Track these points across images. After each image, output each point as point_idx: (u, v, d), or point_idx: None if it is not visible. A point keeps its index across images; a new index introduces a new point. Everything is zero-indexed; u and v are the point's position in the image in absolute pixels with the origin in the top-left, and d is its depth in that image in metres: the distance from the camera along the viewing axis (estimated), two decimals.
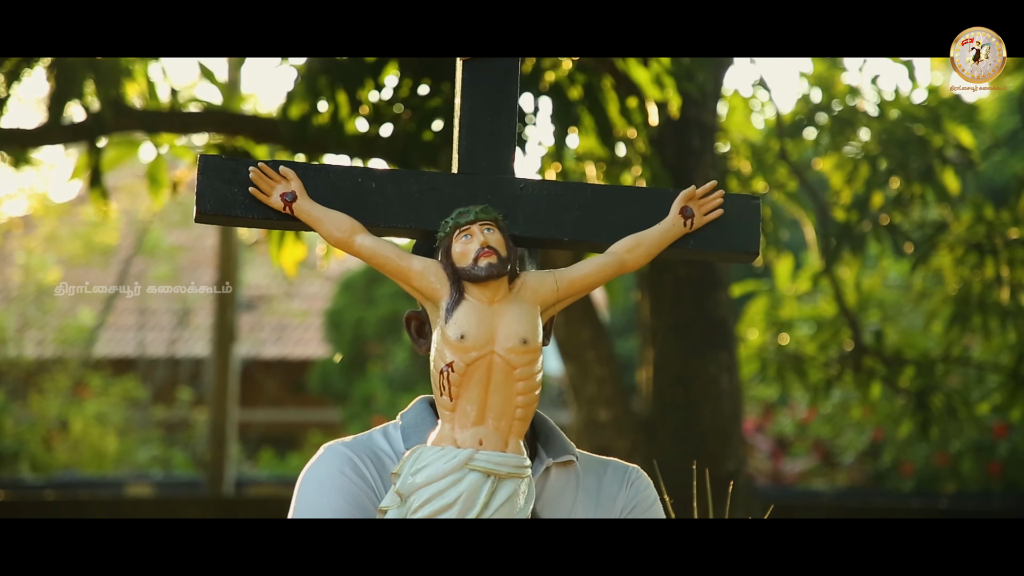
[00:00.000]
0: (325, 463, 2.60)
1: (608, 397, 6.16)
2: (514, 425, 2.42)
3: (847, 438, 11.14)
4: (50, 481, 10.54)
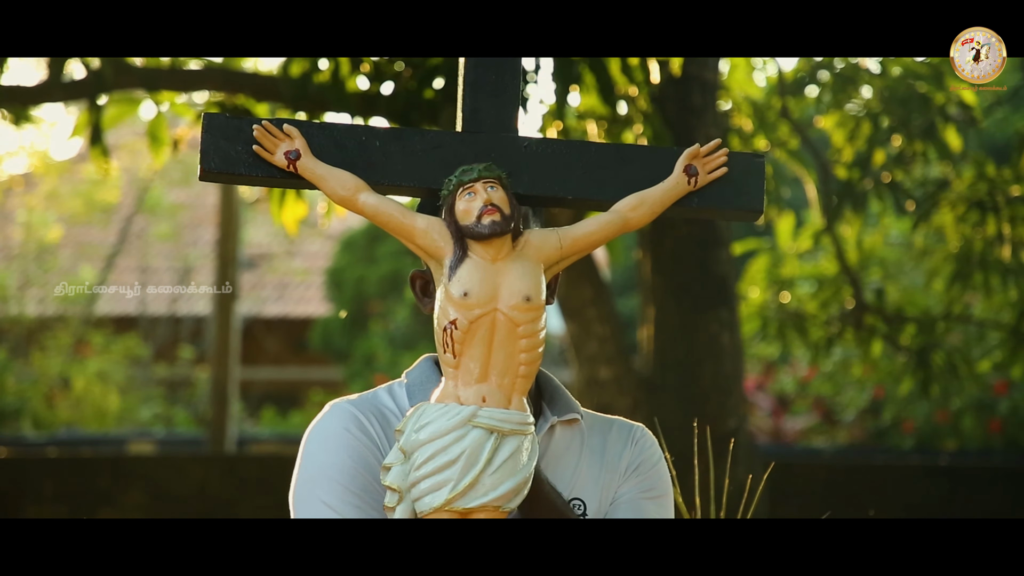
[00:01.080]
0: (330, 420, 2.61)
1: (609, 355, 6.17)
2: (517, 382, 2.43)
3: (848, 396, 11.15)
4: (52, 438, 10.57)
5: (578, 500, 2.63)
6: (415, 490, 2.40)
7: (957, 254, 6.75)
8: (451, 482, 2.38)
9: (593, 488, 2.65)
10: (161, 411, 13.52)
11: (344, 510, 2.53)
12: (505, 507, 2.41)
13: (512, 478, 2.40)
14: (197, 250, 16.57)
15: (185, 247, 16.63)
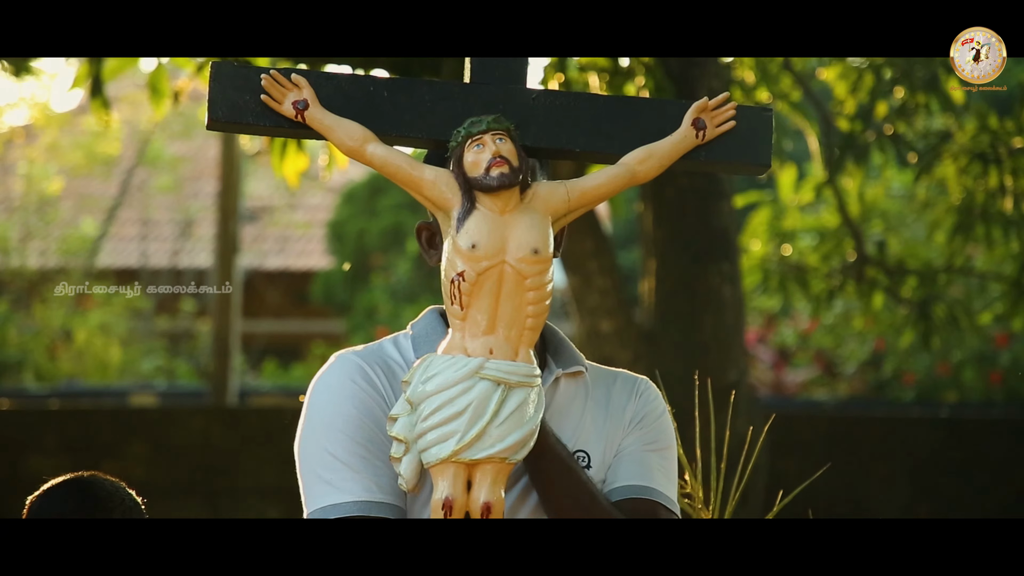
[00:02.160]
0: (336, 371, 2.62)
1: (610, 308, 6.17)
2: (524, 335, 2.43)
3: (849, 348, 11.16)
4: (54, 390, 10.59)
5: (582, 452, 2.64)
6: (421, 441, 2.41)
7: (959, 206, 6.74)
8: (458, 433, 2.39)
9: (597, 440, 2.66)
10: (163, 364, 13.53)
11: (350, 461, 2.54)
12: (511, 459, 2.42)
13: (518, 430, 2.41)
14: (198, 202, 16.56)
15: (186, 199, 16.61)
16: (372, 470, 2.54)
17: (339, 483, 2.54)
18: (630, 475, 2.65)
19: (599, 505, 2.56)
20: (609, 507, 2.58)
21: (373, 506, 2.53)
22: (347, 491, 2.53)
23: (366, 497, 2.53)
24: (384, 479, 2.53)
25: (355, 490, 2.53)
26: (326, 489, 2.55)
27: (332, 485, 2.54)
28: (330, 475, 2.55)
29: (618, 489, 2.63)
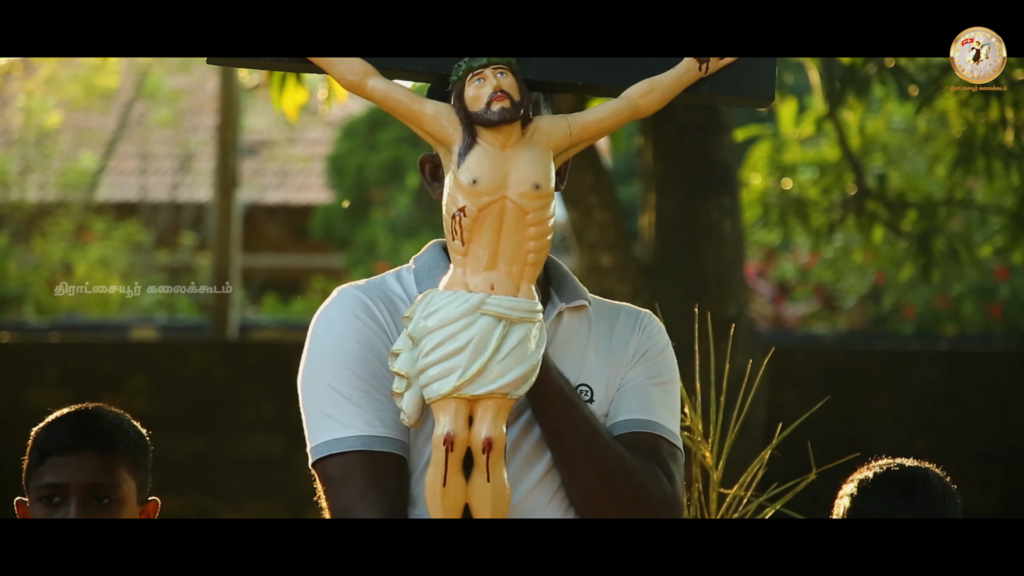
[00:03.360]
0: (338, 306, 2.62)
1: (610, 242, 6.17)
2: (526, 270, 2.43)
3: (848, 282, 11.17)
4: (54, 324, 10.60)
5: (585, 386, 2.64)
6: (423, 376, 2.42)
7: (960, 139, 6.72)
8: (459, 369, 2.39)
9: (600, 374, 2.66)
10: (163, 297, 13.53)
11: (353, 395, 2.55)
12: (513, 394, 2.42)
13: (520, 365, 2.41)
14: (197, 136, 16.50)
15: (185, 133, 16.56)
16: (375, 405, 2.55)
17: (342, 417, 2.54)
18: (633, 409, 2.65)
19: (601, 439, 2.57)
20: (611, 441, 2.58)
21: (376, 440, 2.53)
22: (350, 425, 2.54)
23: (369, 431, 2.54)
24: (387, 414, 2.54)
25: (358, 424, 2.54)
26: (329, 423, 2.55)
27: (335, 419, 2.55)
28: (333, 409, 2.55)
29: (621, 423, 2.64)
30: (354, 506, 2.51)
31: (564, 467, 2.57)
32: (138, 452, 2.82)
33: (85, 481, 2.74)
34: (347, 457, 2.53)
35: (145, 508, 2.83)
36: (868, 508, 2.67)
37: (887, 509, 2.66)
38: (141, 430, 2.86)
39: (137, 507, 2.81)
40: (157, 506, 2.86)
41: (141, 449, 2.83)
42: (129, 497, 2.78)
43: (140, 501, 2.82)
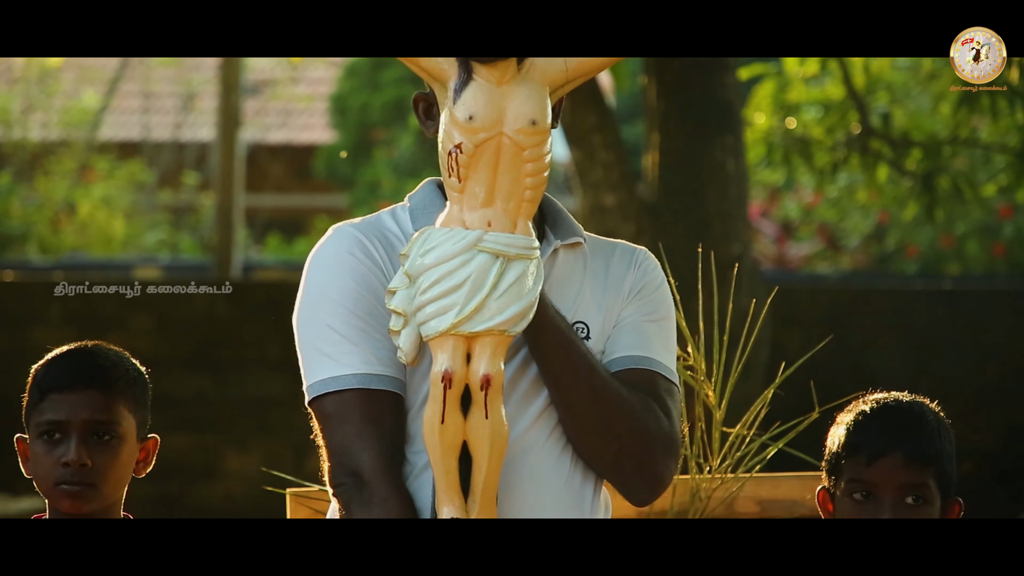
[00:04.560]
0: (334, 244, 2.61)
1: (614, 182, 6.15)
2: (523, 207, 2.43)
3: (852, 221, 11.15)
4: (58, 263, 10.59)
5: (581, 323, 2.64)
6: (420, 314, 2.41)
7: None
8: (457, 306, 2.39)
9: (596, 311, 2.66)
10: (166, 237, 13.53)
11: (349, 333, 2.55)
12: (510, 331, 2.42)
13: (518, 302, 2.41)
14: (200, 75, 16.44)
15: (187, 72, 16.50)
16: (371, 343, 2.54)
17: (338, 356, 2.54)
18: (629, 345, 2.65)
19: (598, 376, 2.57)
20: (608, 378, 2.58)
21: (372, 378, 2.53)
22: (346, 363, 2.54)
23: (365, 369, 2.53)
24: (383, 351, 2.54)
25: (354, 362, 2.54)
26: (325, 362, 2.55)
27: (331, 358, 2.55)
28: (329, 348, 2.55)
29: (617, 360, 2.64)
30: (351, 444, 2.51)
31: (561, 404, 2.57)
32: (138, 389, 2.82)
33: (85, 418, 2.75)
34: (344, 395, 2.53)
35: (144, 445, 2.84)
36: (861, 443, 2.67)
37: (881, 445, 2.66)
38: (140, 367, 2.86)
39: (137, 444, 2.81)
40: (157, 443, 2.87)
41: (141, 386, 2.84)
42: (129, 434, 2.79)
43: (140, 438, 2.83)
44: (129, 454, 2.80)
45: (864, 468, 2.67)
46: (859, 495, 2.67)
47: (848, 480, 2.69)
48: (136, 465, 2.83)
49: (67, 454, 2.73)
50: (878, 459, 2.66)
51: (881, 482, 2.65)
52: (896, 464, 2.65)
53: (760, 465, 3.40)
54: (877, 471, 2.66)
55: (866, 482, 2.66)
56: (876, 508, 2.65)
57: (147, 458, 2.86)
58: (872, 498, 2.66)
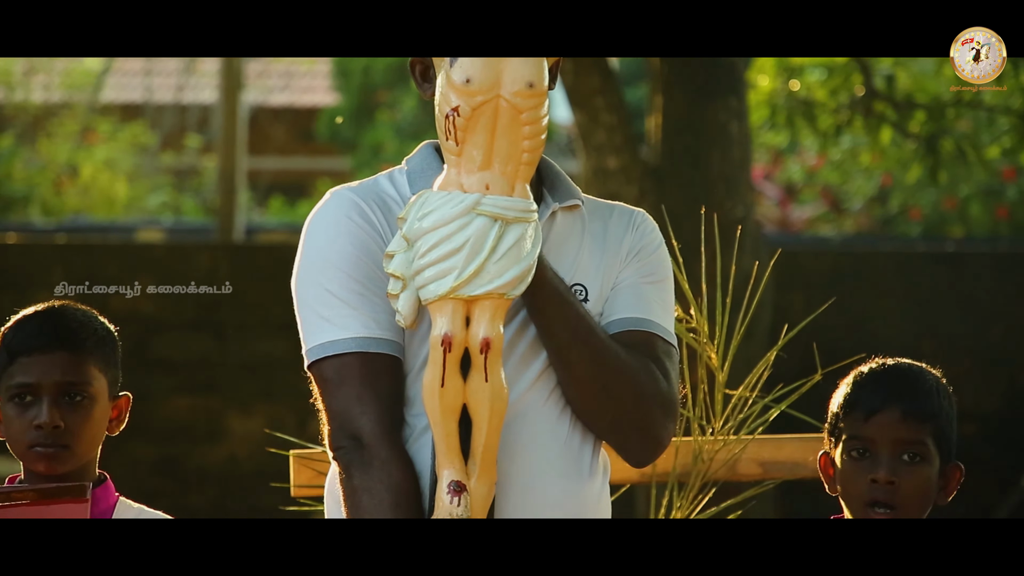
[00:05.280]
0: (331, 208, 2.61)
1: (617, 145, 6.14)
2: (520, 170, 2.42)
3: (855, 184, 11.13)
4: (61, 225, 10.60)
5: (580, 285, 2.64)
6: (419, 278, 2.41)
7: None
8: (455, 270, 2.39)
9: (594, 274, 2.65)
10: (169, 199, 13.53)
11: (348, 298, 2.54)
12: (509, 294, 2.42)
13: (516, 265, 2.41)
14: None
15: None
16: (370, 307, 2.54)
17: (337, 320, 2.54)
18: (627, 307, 2.65)
19: (597, 338, 2.56)
20: (607, 339, 2.58)
21: (371, 342, 2.53)
22: (345, 327, 2.53)
23: (364, 333, 2.53)
24: (382, 315, 2.53)
25: (353, 326, 2.53)
26: (324, 326, 2.55)
27: (330, 322, 2.54)
28: (328, 312, 2.55)
29: (616, 321, 2.63)
30: (350, 408, 2.51)
31: (560, 366, 2.57)
32: (107, 348, 2.82)
33: (56, 380, 2.75)
34: (343, 359, 2.53)
35: (117, 403, 2.84)
36: (859, 400, 2.68)
37: (878, 401, 2.66)
38: (109, 326, 2.86)
39: (109, 403, 2.81)
40: (129, 401, 2.87)
41: (110, 345, 2.83)
42: (100, 393, 2.79)
43: (112, 397, 2.83)
44: (102, 413, 2.80)
45: (862, 424, 2.67)
46: (856, 452, 2.68)
47: (846, 438, 2.69)
48: (109, 424, 2.83)
49: (39, 416, 2.73)
50: (875, 414, 2.67)
51: (878, 438, 2.66)
52: (893, 419, 2.66)
53: (762, 427, 3.40)
54: (874, 427, 2.66)
55: (863, 438, 2.67)
56: (873, 464, 2.65)
57: (120, 416, 2.87)
58: (869, 455, 2.67)
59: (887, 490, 2.64)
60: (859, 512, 2.67)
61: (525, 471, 2.54)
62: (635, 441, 2.62)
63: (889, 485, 2.64)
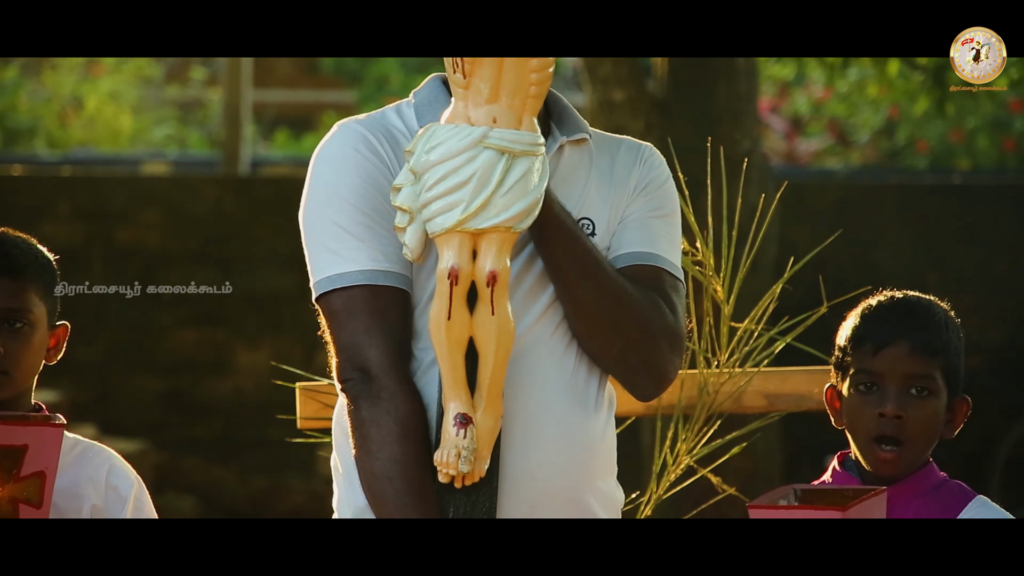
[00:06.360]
0: (339, 140, 2.60)
1: (622, 77, 6.12)
2: (528, 103, 2.41)
3: (862, 116, 11.09)
4: (66, 157, 10.58)
5: (587, 220, 2.64)
6: (426, 211, 2.41)
7: None
8: (463, 203, 2.39)
9: (602, 208, 2.65)
10: (174, 132, 13.49)
11: (355, 230, 2.54)
12: (516, 228, 2.42)
13: (523, 199, 2.41)
14: None
15: None
16: (377, 239, 2.54)
17: (345, 252, 2.54)
18: (635, 241, 2.65)
19: (604, 271, 2.57)
20: (614, 273, 2.58)
21: (379, 274, 2.53)
22: (353, 260, 2.54)
23: (372, 266, 2.53)
24: (390, 248, 2.53)
25: (361, 259, 2.54)
26: (332, 259, 2.55)
27: (338, 255, 2.55)
28: (336, 244, 2.55)
29: (623, 256, 2.64)
30: (358, 340, 2.52)
31: (567, 300, 2.57)
32: (47, 276, 2.83)
33: None
34: (351, 292, 2.53)
35: (55, 332, 2.84)
36: (868, 334, 2.68)
37: (887, 335, 2.66)
38: (49, 255, 2.86)
39: (47, 331, 2.81)
40: (67, 330, 2.87)
41: (50, 273, 2.84)
42: (40, 321, 2.79)
43: (50, 326, 2.83)
44: (40, 341, 2.80)
45: (870, 358, 2.67)
46: (864, 386, 2.68)
47: (854, 372, 2.69)
48: (47, 353, 2.83)
49: None
50: (884, 348, 2.67)
51: (886, 372, 2.66)
52: (902, 353, 2.66)
53: (768, 360, 3.41)
54: (883, 361, 2.66)
55: (872, 372, 2.67)
56: (880, 399, 2.66)
57: (57, 345, 2.86)
58: (877, 388, 2.67)
59: (895, 424, 2.64)
60: (865, 446, 2.68)
61: (531, 404, 2.55)
62: (641, 375, 2.63)
63: (897, 419, 2.64)
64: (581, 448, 2.58)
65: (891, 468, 2.65)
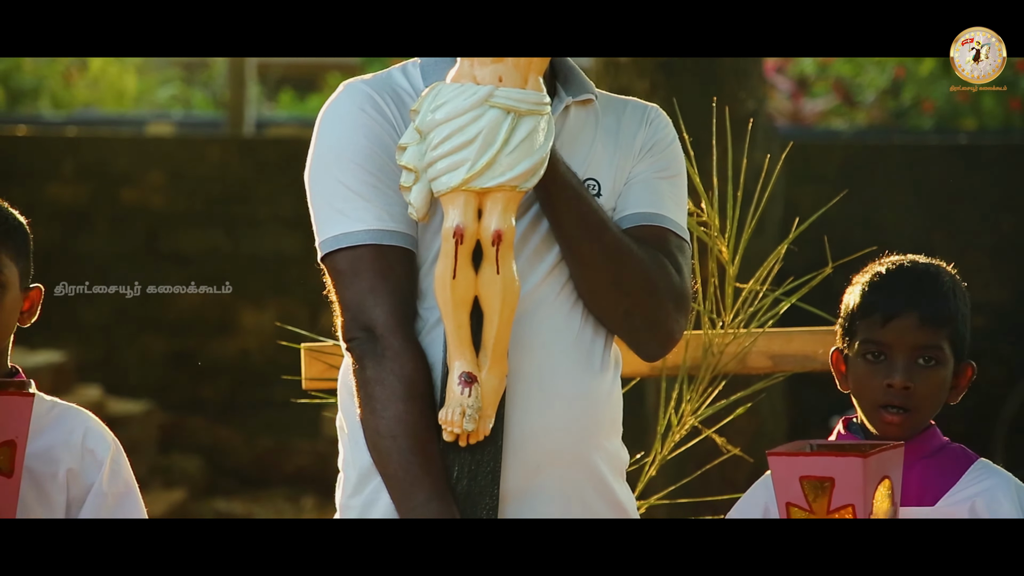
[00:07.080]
0: (345, 100, 2.60)
1: None
2: (534, 63, 2.41)
3: (868, 77, 11.06)
4: (70, 118, 10.57)
5: (592, 180, 2.64)
6: (432, 170, 2.41)
7: None
8: (468, 162, 2.39)
9: (607, 168, 2.65)
10: (179, 93, 13.47)
11: (361, 190, 2.55)
12: (521, 187, 2.42)
13: (529, 158, 2.41)
14: None
15: None
16: (383, 199, 2.54)
17: (351, 212, 2.54)
18: (640, 202, 2.65)
19: (609, 232, 2.57)
20: (619, 233, 2.58)
21: (385, 234, 2.54)
22: (359, 219, 2.54)
23: (378, 225, 2.54)
24: (395, 207, 2.54)
25: (366, 218, 2.54)
26: (338, 218, 2.55)
27: (344, 214, 2.55)
28: (342, 204, 2.55)
29: (628, 216, 2.64)
30: (364, 299, 2.52)
31: (572, 260, 2.57)
32: (19, 238, 2.82)
33: None
34: (357, 251, 2.53)
35: (28, 295, 2.83)
36: (876, 304, 2.68)
37: (896, 305, 2.66)
38: (21, 218, 2.85)
39: (21, 294, 2.81)
40: (41, 293, 2.86)
41: (22, 236, 2.83)
42: (12, 283, 2.77)
43: (23, 288, 2.82)
44: (13, 303, 2.79)
45: (878, 328, 2.68)
46: (871, 355, 2.69)
47: (862, 340, 2.70)
48: (21, 315, 2.82)
49: None
50: (893, 319, 2.67)
51: (895, 342, 2.66)
52: (911, 325, 2.66)
53: (772, 320, 3.41)
54: (891, 331, 2.67)
55: (880, 342, 2.67)
56: (888, 369, 2.66)
57: (31, 308, 2.85)
58: (885, 358, 2.67)
59: (902, 394, 2.65)
60: (871, 412, 2.68)
61: (536, 364, 2.56)
62: (647, 335, 2.63)
63: (904, 390, 2.65)
64: (586, 407, 2.58)
65: (896, 431, 2.66)
